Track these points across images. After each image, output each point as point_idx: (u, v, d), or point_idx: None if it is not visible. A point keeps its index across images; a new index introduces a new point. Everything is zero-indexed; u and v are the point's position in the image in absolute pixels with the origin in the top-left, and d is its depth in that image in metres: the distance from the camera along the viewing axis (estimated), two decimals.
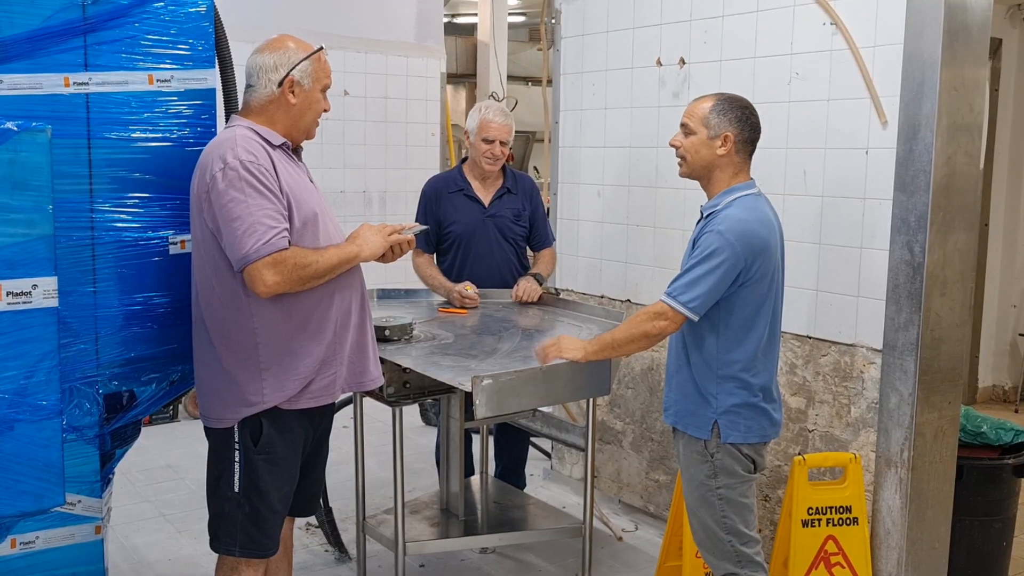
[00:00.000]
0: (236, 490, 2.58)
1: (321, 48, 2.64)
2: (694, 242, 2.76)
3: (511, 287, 3.92)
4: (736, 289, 2.68)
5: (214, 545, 2.65)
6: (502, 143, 3.88)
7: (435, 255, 4.07)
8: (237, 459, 2.57)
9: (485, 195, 3.98)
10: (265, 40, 2.63)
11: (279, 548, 2.73)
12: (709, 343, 2.74)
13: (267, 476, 2.59)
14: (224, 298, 2.51)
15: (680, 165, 2.84)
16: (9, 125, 2.24)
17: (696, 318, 2.68)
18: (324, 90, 2.67)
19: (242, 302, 2.49)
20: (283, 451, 2.60)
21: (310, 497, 2.88)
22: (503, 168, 4.05)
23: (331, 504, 3.94)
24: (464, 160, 4.05)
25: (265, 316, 2.50)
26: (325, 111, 2.69)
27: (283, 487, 2.64)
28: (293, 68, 2.57)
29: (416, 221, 4.01)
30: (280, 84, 2.57)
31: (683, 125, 2.80)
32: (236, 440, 2.57)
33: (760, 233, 2.68)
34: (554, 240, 4.14)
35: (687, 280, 2.67)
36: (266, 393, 2.53)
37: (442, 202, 3.97)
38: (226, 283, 2.50)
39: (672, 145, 2.84)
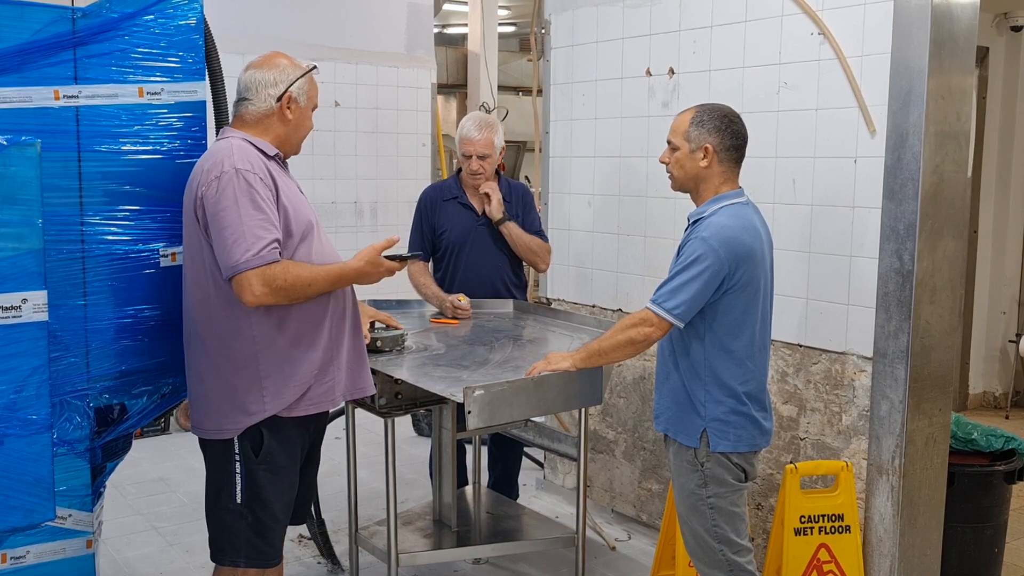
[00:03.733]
0: (238, 501, 2.58)
1: (315, 67, 2.69)
2: (680, 249, 2.78)
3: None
4: (720, 296, 2.69)
5: (217, 557, 2.65)
6: (480, 157, 3.88)
7: (431, 263, 4.08)
8: (238, 470, 2.57)
9: (479, 203, 3.99)
10: (259, 56, 2.67)
11: (280, 557, 2.73)
12: (695, 349, 2.75)
13: (269, 486, 2.60)
14: (223, 308, 2.51)
15: (671, 180, 2.87)
16: None
17: (681, 324, 2.69)
18: (314, 109, 2.72)
19: (241, 311, 2.50)
20: (283, 460, 2.61)
21: (301, 505, 2.88)
22: (497, 176, 4.06)
23: (323, 515, 3.93)
24: (459, 170, 4.06)
25: (264, 324, 2.52)
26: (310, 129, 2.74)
27: (284, 496, 2.65)
28: (291, 85, 2.61)
29: (412, 230, 4.05)
30: (279, 99, 2.61)
31: (668, 142, 2.84)
32: (236, 451, 2.57)
33: (744, 240, 2.69)
34: (548, 241, 4.13)
35: (671, 287, 2.68)
36: (266, 402, 2.54)
37: (437, 210, 3.99)
38: (225, 293, 2.50)
39: (662, 162, 2.88)
